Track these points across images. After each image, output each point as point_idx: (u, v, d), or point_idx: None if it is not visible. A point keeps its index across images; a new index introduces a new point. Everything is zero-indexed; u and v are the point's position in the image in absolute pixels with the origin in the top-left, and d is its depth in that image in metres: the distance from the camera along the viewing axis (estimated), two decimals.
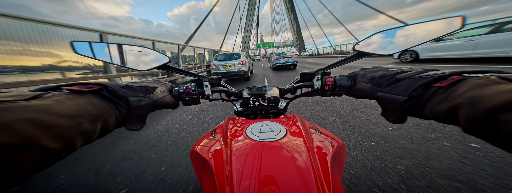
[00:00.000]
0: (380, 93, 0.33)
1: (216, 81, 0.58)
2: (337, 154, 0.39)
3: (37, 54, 2.92)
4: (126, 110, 0.31)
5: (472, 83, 0.21)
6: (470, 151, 1.36)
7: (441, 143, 1.51)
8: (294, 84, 0.58)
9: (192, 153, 0.45)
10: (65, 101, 0.22)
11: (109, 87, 0.30)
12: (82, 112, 0.23)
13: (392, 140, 1.62)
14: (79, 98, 0.25)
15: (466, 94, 0.21)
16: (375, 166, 1.29)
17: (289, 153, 0.33)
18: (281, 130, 0.40)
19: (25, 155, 0.16)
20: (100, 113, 0.25)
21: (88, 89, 0.27)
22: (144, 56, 0.45)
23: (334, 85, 0.48)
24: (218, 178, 0.32)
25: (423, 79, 0.28)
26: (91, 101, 0.25)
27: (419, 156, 1.35)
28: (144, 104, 0.34)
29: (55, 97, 0.22)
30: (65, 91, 0.26)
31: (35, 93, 0.22)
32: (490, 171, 1.15)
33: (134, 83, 0.38)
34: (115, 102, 0.30)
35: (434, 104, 0.25)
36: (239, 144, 0.37)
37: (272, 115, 0.66)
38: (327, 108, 2.73)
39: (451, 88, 0.23)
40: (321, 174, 0.30)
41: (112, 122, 0.28)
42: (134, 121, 0.33)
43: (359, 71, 0.44)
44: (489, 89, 0.19)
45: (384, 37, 0.40)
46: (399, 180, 1.14)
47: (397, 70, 0.35)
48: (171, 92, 0.48)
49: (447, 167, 1.21)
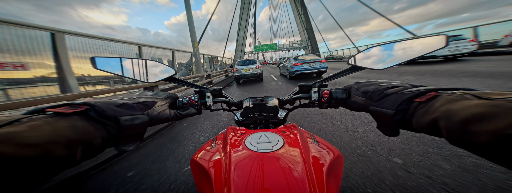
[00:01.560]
0: (372, 107, 0.36)
1: (218, 92, 0.60)
2: (334, 165, 0.40)
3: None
4: (116, 130, 0.30)
5: (445, 98, 0.24)
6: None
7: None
8: (293, 95, 0.60)
9: (193, 162, 0.47)
10: (41, 126, 0.21)
11: (96, 107, 0.29)
12: (56, 138, 0.21)
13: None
14: (60, 121, 0.24)
15: (440, 108, 0.23)
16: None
17: (285, 164, 0.34)
18: (278, 141, 0.41)
19: None
20: (80, 136, 0.24)
21: (72, 111, 0.26)
22: (153, 69, 0.48)
23: (330, 97, 0.49)
24: (216, 187, 0.33)
25: (406, 94, 0.31)
26: (73, 124, 0.24)
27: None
28: (138, 122, 0.33)
29: (32, 122, 0.21)
30: (50, 113, 0.25)
31: (16, 117, 0.21)
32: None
33: (132, 100, 0.38)
34: (103, 122, 0.29)
35: (418, 117, 0.27)
36: (238, 154, 0.38)
37: (272, 125, 0.67)
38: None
39: (429, 103, 0.26)
40: (316, 185, 0.31)
41: (99, 144, 0.27)
42: (127, 141, 0.32)
43: (354, 84, 0.46)
44: (458, 104, 0.22)
45: (376, 53, 0.43)
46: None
47: (387, 85, 0.37)
48: (171, 104, 0.48)
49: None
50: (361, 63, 0.43)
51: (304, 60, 7.79)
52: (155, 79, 0.48)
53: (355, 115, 2.63)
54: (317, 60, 7.67)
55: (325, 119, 2.63)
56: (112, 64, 0.44)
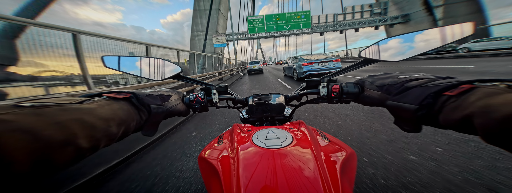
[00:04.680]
0: (390, 101, 0.33)
1: (223, 89, 0.60)
2: (347, 163, 0.38)
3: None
4: (146, 117, 0.34)
5: (483, 91, 0.21)
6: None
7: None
8: (300, 91, 0.58)
9: (200, 159, 0.46)
10: (104, 106, 0.26)
11: (138, 96, 0.34)
12: (114, 116, 0.26)
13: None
14: (114, 104, 0.29)
15: (477, 103, 0.20)
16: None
17: (296, 161, 0.33)
18: (287, 137, 0.40)
19: (62, 151, 0.18)
20: (126, 118, 0.29)
21: (122, 97, 0.31)
22: (160, 67, 0.49)
23: (341, 92, 0.47)
24: (226, 184, 0.33)
25: (433, 87, 0.27)
26: (122, 107, 0.29)
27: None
28: (160, 111, 0.37)
29: (98, 102, 0.26)
30: (104, 98, 0.30)
31: (83, 99, 0.26)
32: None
33: (153, 92, 0.42)
34: (140, 109, 0.33)
35: (447, 113, 0.24)
36: (246, 151, 0.37)
37: (278, 122, 0.66)
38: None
39: (462, 96, 0.23)
40: (330, 183, 0.29)
41: (133, 127, 0.31)
42: (149, 128, 0.36)
43: (367, 78, 0.44)
44: (500, 97, 0.19)
45: (393, 43, 0.40)
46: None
47: (407, 78, 0.34)
48: (183, 100, 0.51)
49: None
50: (375, 55, 0.40)
51: (315, 59, 6.82)
52: (162, 77, 0.48)
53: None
54: (330, 59, 6.67)
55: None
56: (121, 62, 0.45)
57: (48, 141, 0.17)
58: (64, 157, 0.19)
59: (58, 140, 0.18)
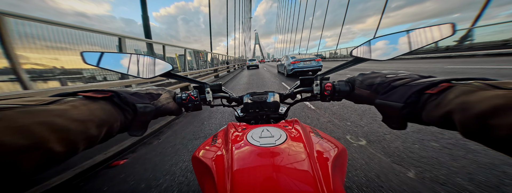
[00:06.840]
0: (378, 100, 0.34)
1: (217, 88, 0.59)
2: (338, 159, 0.40)
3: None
4: (132, 116, 0.33)
5: (460, 89, 0.22)
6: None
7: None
8: (294, 89, 0.59)
9: (194, 159, 0.46)
10: (79, 107, 0.24)
11: (120, 94, 0.31)
12: (92, 117, 0.24)
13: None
14: (92, 103, 0.26)
15: (455, 100, 0.22)
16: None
17: (289, 158, 0.33)
18: (281, 135, 0.41)
19: (30, 156, 0.17)
20: (107, 118, 0.27)
21: (101, 96, 0.29)
22: (149, 65, 0.46)
23: (333, 90, 0.48)
24: (219, 183, 0.32)
25: (416, 86, 0.29)
26: (102, 107, 0.27)
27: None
28: (149, 110, 0.35)
29: (72, 103, 0.24)
30: (80, 97, 0.27)
31: (54, 99, 0.23)
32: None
33: (141, 90, 0.40)
34: (123, 108, 0.31)
35: (429, 110, 0.26)
36: (240, 149, 0.37)
37: (273, 120, 0.66)
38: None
39: (442, 94, 0.24)
40: (322, 179, 0.30)
41: (117, 128, 0.29)
42: (137, 127, 0.34)
43: (358, 76, 0.45)
44: (475, 95, 0.20)
45: (381, 43, 0.41)
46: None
47: (394, 77, 0.36)
48: (174, 99, 0.49)
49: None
50: (364, 54, 0.42)
51: (301, 58, 8.21)
52: (150, 74, 0.46)
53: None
54: (313, 59, 8.14)
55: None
56: (104, 59, 0.42)
57: (9, 147, 0.16)
58: (32, 162, 0.17)
59: (22, 145, 0.16)
